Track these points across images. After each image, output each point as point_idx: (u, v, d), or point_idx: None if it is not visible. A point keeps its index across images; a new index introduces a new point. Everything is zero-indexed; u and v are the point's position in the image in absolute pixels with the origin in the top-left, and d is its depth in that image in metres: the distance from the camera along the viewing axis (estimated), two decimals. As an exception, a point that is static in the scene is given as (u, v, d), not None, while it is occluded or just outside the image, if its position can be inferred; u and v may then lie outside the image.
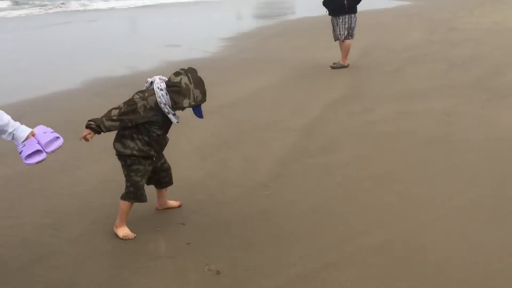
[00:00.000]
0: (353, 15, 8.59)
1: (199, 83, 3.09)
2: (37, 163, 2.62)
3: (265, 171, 4.25)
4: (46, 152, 2.64)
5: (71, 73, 8.81)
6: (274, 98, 6.89)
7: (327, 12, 8.90)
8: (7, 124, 2.55)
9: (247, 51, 11.22)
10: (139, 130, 3.08)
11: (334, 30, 8.88)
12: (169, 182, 3.48)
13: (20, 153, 2.60)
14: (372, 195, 3.74)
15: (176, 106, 3.05)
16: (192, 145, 4.94)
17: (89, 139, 2.99)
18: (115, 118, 2.99)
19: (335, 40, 8.95)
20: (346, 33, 8.63)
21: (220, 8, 28.52)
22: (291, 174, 4.18)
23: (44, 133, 2.67)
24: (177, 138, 4.29)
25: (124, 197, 3.21)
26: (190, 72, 3.09)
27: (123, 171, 3.20)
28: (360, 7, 8.66)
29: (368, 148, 4.76)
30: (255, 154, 4.68)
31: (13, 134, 2.59)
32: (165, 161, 3.40)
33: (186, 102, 3.03)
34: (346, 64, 8.77)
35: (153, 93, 3.05)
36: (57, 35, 14.98)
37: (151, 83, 3.11)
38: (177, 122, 3.15)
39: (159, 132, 3.14)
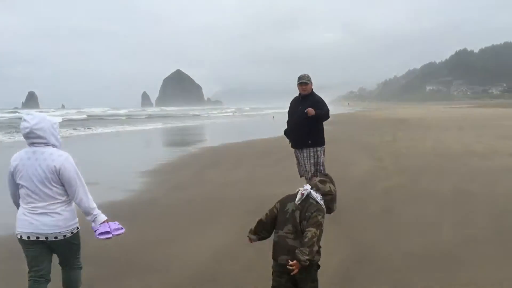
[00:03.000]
0: (319, 148, 7.01)
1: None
2: (104, 239, 3.54)
3: None
4: (112, 234, 3.55)
5: None
6: (248, 271, 4.72)
7: (289, 143, 7.31)
8: (94, 208, 3.52)
9: (183, 188, 9.15)
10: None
11: (299, 164, 7.23)
12: None
13: (95, 230, 3.53)
14: None
15: (329, 211, 3.24)
16: None
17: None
18: (319, 249, 3.07)
19: (301, 176, 7.26)
20: (312, 169, 6.97)
21: (133, 137, 26.70)
22: None
23: (114, 223, 3.63)
24: None
25: None
26: (329, 177, 3.33)
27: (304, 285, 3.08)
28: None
29: None
30: None
31: (96, 216, 3.53)
32: None
33: (335, 206, 3.29)
34: None
35: (323, 207, 3.14)
36: None
37: (307, 195, 3.12)
38: None
39: None
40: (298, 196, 3.10)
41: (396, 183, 8.74)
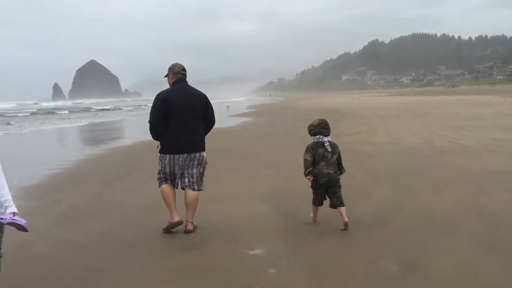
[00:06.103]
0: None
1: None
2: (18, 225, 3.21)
3: None
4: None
5: None
6: None
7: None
8: (7, 200, 3.27)
9: (77, 218, 6.05)
10: None
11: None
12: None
13: (4, 218, 3.21)
14: None
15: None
16: None
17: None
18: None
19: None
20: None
21: (21, 138, 22.43)
22: None
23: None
24: None
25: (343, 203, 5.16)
26: (313, 126, 5.39)
27: (339, 191, 5.16)
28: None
29: None
30: None
31: (8, 207, 3.27)
32: None
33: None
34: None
35: (336, 143, 5.41)
36: None
37: (328, 142, 5.27)
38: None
39: None
40: (328, 147, 5.15)
41: (386, 199, 6.27)
